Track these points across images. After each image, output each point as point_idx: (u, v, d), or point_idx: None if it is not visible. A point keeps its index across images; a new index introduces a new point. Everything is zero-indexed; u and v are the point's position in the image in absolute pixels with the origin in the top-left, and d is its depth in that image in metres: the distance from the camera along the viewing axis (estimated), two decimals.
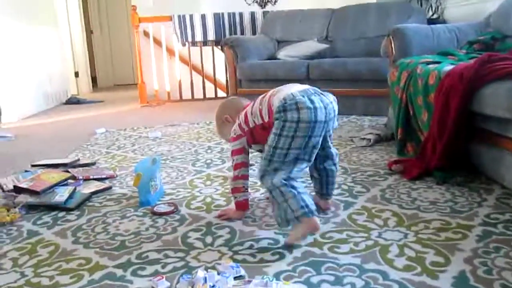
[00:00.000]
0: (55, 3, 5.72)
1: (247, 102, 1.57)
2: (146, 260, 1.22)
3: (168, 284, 1.08)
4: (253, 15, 4.78)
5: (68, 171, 2.04)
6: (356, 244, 1.27)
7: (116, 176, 2.06)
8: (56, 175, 1.91)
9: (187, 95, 4.89)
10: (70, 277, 1.15)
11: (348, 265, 1.14)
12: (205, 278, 1.06)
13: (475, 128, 1.74)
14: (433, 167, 1.80)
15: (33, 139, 3.17)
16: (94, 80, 7.54)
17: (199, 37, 4.75)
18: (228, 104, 1.65)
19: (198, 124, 3.41)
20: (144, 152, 2.55)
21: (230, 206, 1.59)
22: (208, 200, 1.69)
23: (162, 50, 4.90)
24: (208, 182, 1.91)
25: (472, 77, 1.66)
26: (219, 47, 4.74)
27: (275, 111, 1.29)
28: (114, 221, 1.53)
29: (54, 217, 1.59)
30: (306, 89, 1.32)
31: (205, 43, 4.81)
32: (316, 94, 1.31)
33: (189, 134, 3.03)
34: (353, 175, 1.90)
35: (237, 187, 1.47)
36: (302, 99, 1.26)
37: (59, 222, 1.54)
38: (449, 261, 1.14)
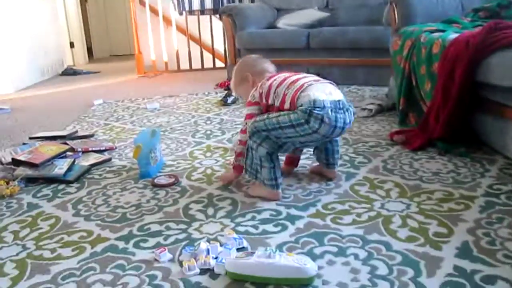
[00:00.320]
0: None
1: (272, 69, 1.57)
2: (148, 232, 1.22)
3: (171, 256, 1.08)
4: None
5: (66, 143, 2.01)
6: (358, 215, 1.26)
7: (115, 148, 2.04)
8: (55, 148, 1.89)
9: (184, 65, 4.82)
10: (72, 250, 1.15)
11: (351, 236, 1.14)
12: (208, 250, 1.06)
13: (480, 98, 1.71)
14: (436, 137, 1.78)
15: (30, 111, 3.13)
16: (89, 50, 7.41)
17: (196, 6, 4.64)
18: (252, 62, 1.60)
19: (196, 95, 3.37)
20: (142, 124, 2.53)
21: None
22: (208, 171, 1.67)
23: (158, 19, 4.79)
24: (208, 154, 1.89)
25: (478, 45, 1.62)
26: (217, 15, 4.63)
27: (300, 108, 1.29)
28: (114, 194, 1.52)
29: (54, 189, 1.58)
30: (337, 102, 1.33)
31: (202, 11, 4.70)
32: (342, 112, 1.33)
33: (188, 105, 3.00)
34: (355, 146, 1.88)
35: (238, 152, 1.48)
36: (330, 114, 1.29)
37: (59, 195, 1.53)
38: (452, 232, 1.13)
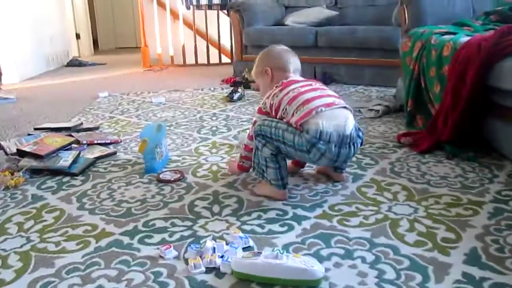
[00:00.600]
0: None
1: (295, 65, 1.52)
2: (153, 228, 1.21)
3: (176, 253, 1.07)
4: None
5: (71, 135, 2.01)
6: (366, 217, 1.25)
7: (120, 141, 2.03)
8: (60, 139, 1.88)
9: (190, 60, 4.81)
10: (77, 244, 1.14)
11: (358, 239, 1.13)
12: (214, 248, 1.05)
13: (490, 102, 1.69)
14: (444, 141, 1.76)
15: (35, 102, 3.13)
16: (95, 42, 7.40)
17: (204, 0, 4.62)
18: (275, 55, 1.54)
19: (202, 90, 3.35)
20: (148, 118, 2.52)
21: (237, 175, 1.57)
22: (214, 168, 1.66)
23: (165, 13, 4.78)
24: (214, 150, 1.88)
25: (490, 49, 1.60)
26: (225, 11, 4.62)
27: (306, 137, 1.28)
28: (119, 188, 1.51)
29: (59, 182, 1.58)
30: (345, 136, 1.30)
31: (210, 6, 4.68)
32: (347, 147, 1.32)
33: (194, 100, 2.98)
34: (362, 147, 1.85)
35: (243, 156, 1.49)
36: (333, 150, 1.29)
37: (63, 187, 1.52)
38: (460, 238, 1.12)
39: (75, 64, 5.38)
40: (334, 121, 1.30)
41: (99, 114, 2.63)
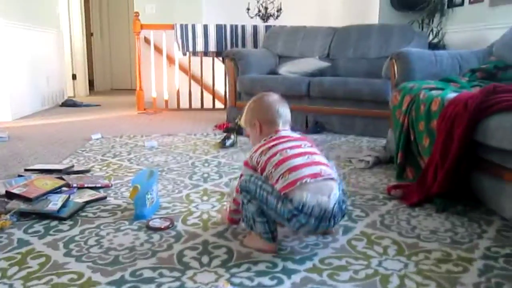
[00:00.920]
0: (58, 5, 5.70)
1: (285, 118, 1.51)
2: (140, 279, 1.19)
3: None
4: (255, 28, 4.79)
5: (62, 178, 2.00)
6: (356, 272, 1.24)
7: (111, 185, 2.02)
8: (50, 182, 1.87)
9: (184, 104, 4.87)
10: None
11: None
12: None
13: (477, 158, 1.73)
14: (434, 194, 1.78)
15: (27, 141, 3.12)
16: (91, 83, 7.49)
17: (200, 47, 4.75)
18: (265, 108, 1.51)
19: (195, 135, 3.38)
20: (140, 162, 2.52)
21: (227, 225, 1.56)
22: (204, 216, 1.65)
23: (161, 58, 4.88)
24: (205, 197, 1.88)
25: (477, 106, 1.66)
26: (220, 58, 4.74)
27: (288, 207, 1.28)
28: (108, 234, 1.49)
29: (46, 226, 1.55)
30: (326, 211, 1.29)
31: (206, 53, 4.80)
32: (327, 220, 1.31)
33: (186, 145, 3.00)
34: (352, 198, 1.88)
35: (231, 210, 1.51)
36: (312, 223, 1.29)
37: (51, 232, 1.50)
38: None
39: (69, 104, 5.42)
40: (318, 195, 1.29)
41: (91, 157, 2.63)
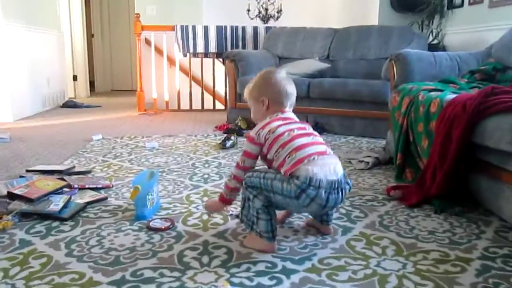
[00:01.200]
0: (59, 6, 5.72)
1: (292, 99, 1.52)
2: (141, 279, 1.20)
3: None
4: (255, 29, 4.81)
5: (63, 179, 2.01)
6: (354, 272, 1.25)
7: (112, 186, 2.04)
8: (52, 183, 1.88)
9: (185, 105, 4.88)
10: None
11: None
12: None
13: (476, 159, 1.74)
14: (432, 195, 1.79)
15: (29, 142, 3.14)
16: (92, 84, 7.51)
17: (200, 49, 4.76)
18: (274, 86, 1.50)
19: (195, 136, 3.39)
20: (140, 163, 2.53)
21: (227, 225, 1.58)
22: (205, 217, 1.67)
23: (162, 59, 4.90)
24: (205, 198, 1.89)
25: (475, 108, 1.67)
26: (220, 59, 4.75)
27: (295, 183, 1.29)
28: (109, 234, 1.50)
29: (48, 226, 1.57)
30: (334, 181, 1.31)
31: (206, 54, 4.82)
32: (336, 192, 1.32)
33: (186, 146, 3.01)
34: (351, 199, 1.89)
35: (231, 187, 1.48)
36: (322, 195, 1.30)
37: (52, 232, 1.51)
38: None
39: (70, 105, 5.44)
40: (324, 168, 1.32)
41: (92, 158, 2.64)
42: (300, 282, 1.19)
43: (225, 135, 3.13)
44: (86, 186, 1.97)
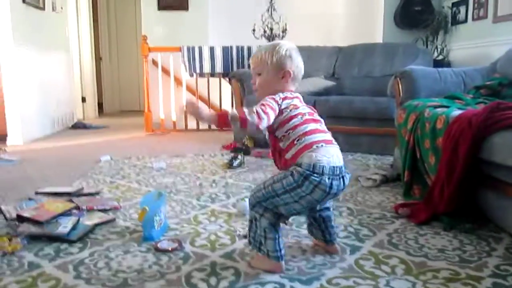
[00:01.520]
0: (68, 29, 5.84)
1: (293, 90, 1.44)
2: None
3: None
4: None
5: (72, 201, 2.03)
6: None
7: (120, 207, 2.05)
8: (61, 205, 1.90)
9: (192, 125, 4.92)
10: None
11: None
12: None
13: (483, 175, 1.73)
14: (441, 212, 1.78)
15: (38, 164, 3.17)
16: (100, 105, 7.60)
17: (207, 69, 4.82)
18: (299, 61, 1.43)
19: (203, 156, 3.41)
20: (148, 183, 2.54)
21: (235, 245, 1.58)
22: (212, 237, 1.67)
23: (169, 79, 4.96)
24: (213, 218, 1.89)
25: (481, 124, 1.67)
26: (227, 79, 4.80)
27: (298, 170, 1.28)
28: (116, 256, 1.50)
29: (56, 248, 1.57)
30: (336, 168, 1.31)
31: (212, 75, 4.87)
32: (338, 178, 1.31)
33: (194, 166, 3.03)
34: (359, 217, 1.88)
35: (241, 116, 1.28)
36: (326, 181, 1.28)
37: (61, 255, 1.52)
38: None
39: (79, 126, 5.50)
40: (328, 155, 1.31)
41: (100, 179, 2.66)
42: None
43: (232, 154, 3.14)
44: (94, 208, 1.99)
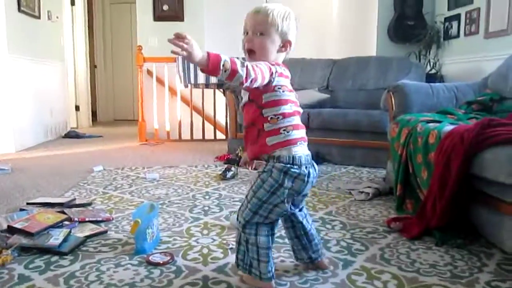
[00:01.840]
0: (63, 38, 5.84)
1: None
2: None
3: None
4: None
5: (64, 212, 2.01)
6: None
7: (112, 219, 2.03)
8: (52, 216, 1.88)
9: (186, 135, 4.92)
10: None
11: None
12: None
13: (475, 190, 1.75)
14: (433, 227, 1.79)
15: (30, 173, 3.15)
16: (94, 114, 7.58)
17: (201, 80, 4.83)
18: (295, 32, 1.37)
19: (196, 167, 3.40)
20: (141, 195, 2.53)
21: (227, 259, 1.57)
22: (205, 251, 1.66)
23: (163, 89, 4.96)
24: (205, 231, 1.88)
25: (473, 140, 1.68)
26: (221, 90, 4.82)
27: (277, 166, 1.29)
28: (108, 269, 1.49)
29: (47, 261, 1.56)
30: (307, 156, 1.35)
31: (207, 85, 4.88)
32: (312, 165, 1.36)
33: (187, 177, 3.02)
34: (352, 231, 1.88)
35: (231, 67, 1.19)
36: (304, 171, 1.32)
37: (51, 267, 1.51)
38: None
39: (72, 135, 5.47)
40: (302, 146, 1.34)
41: (92, 189, 2.65)
42: None
43: (226, 165, 3.14)
44: (86, 219, 1.97)
